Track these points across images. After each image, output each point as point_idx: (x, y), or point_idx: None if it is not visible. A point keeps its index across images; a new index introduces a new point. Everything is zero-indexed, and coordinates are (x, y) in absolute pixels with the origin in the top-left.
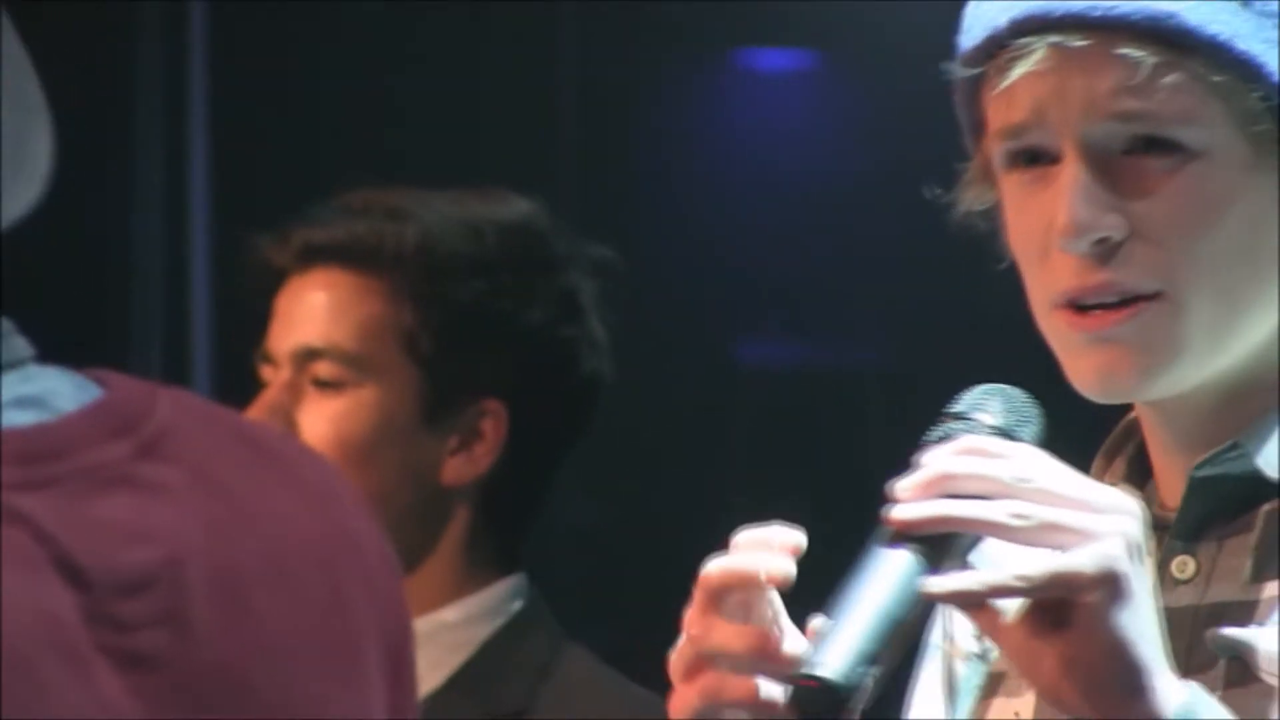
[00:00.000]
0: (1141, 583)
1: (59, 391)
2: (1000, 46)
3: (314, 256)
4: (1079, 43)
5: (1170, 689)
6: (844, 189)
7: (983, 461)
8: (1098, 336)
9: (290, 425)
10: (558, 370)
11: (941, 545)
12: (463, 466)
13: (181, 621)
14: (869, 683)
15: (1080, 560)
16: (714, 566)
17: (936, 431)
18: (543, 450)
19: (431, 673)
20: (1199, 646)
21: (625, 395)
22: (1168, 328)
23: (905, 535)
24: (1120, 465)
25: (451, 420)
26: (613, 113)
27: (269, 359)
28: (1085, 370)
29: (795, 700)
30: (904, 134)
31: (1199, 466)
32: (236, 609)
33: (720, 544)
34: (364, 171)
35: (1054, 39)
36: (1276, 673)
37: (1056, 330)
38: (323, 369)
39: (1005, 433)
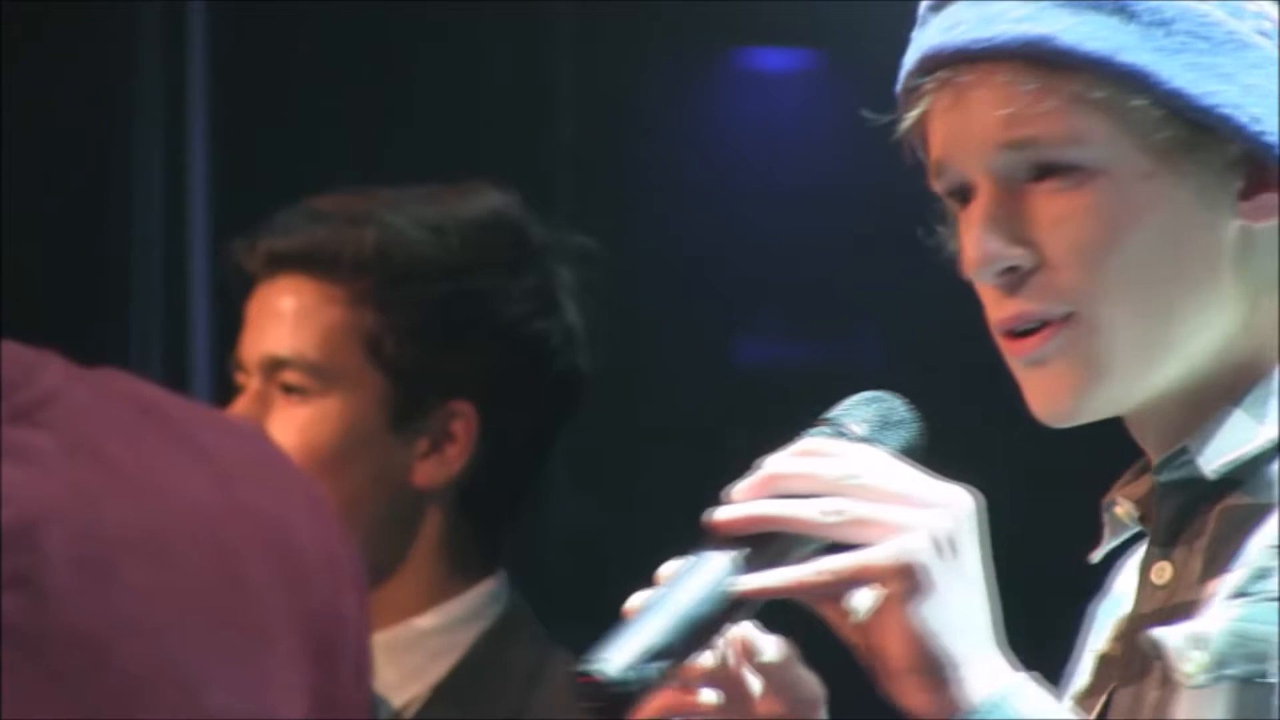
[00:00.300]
0: (950, 575)
1: None
2: (914, 82)
3: (279, 264)
4: (969, 77)
5: (980, 681)
6: (844, 189)
7: (811, 461)
8: (1028, 360)
9: None
10: (529, 367)
11: (767, 545)
12: (435, 469)
13: (36, 586)
14: (653, 679)
15: (877, 554)
16: (637, 600)
17: (804, 435)
18: (519, 448)
19: (414, 681)
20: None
21: (625, 395)
22: (1085, 348)
23: (733, 537)
24: (1129, 474)
25: (420, 424)
26: (611, 113)
27: (240, 366)
28: (1028, 396)
29: (578, 695)
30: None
31: (1155, 473)
32: (101, 577)
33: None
34: (363, 171)
35: (946, 75)
36: (1178, 667)
37: (1005, 356)
38: (289, 377)
39: (868, 438)
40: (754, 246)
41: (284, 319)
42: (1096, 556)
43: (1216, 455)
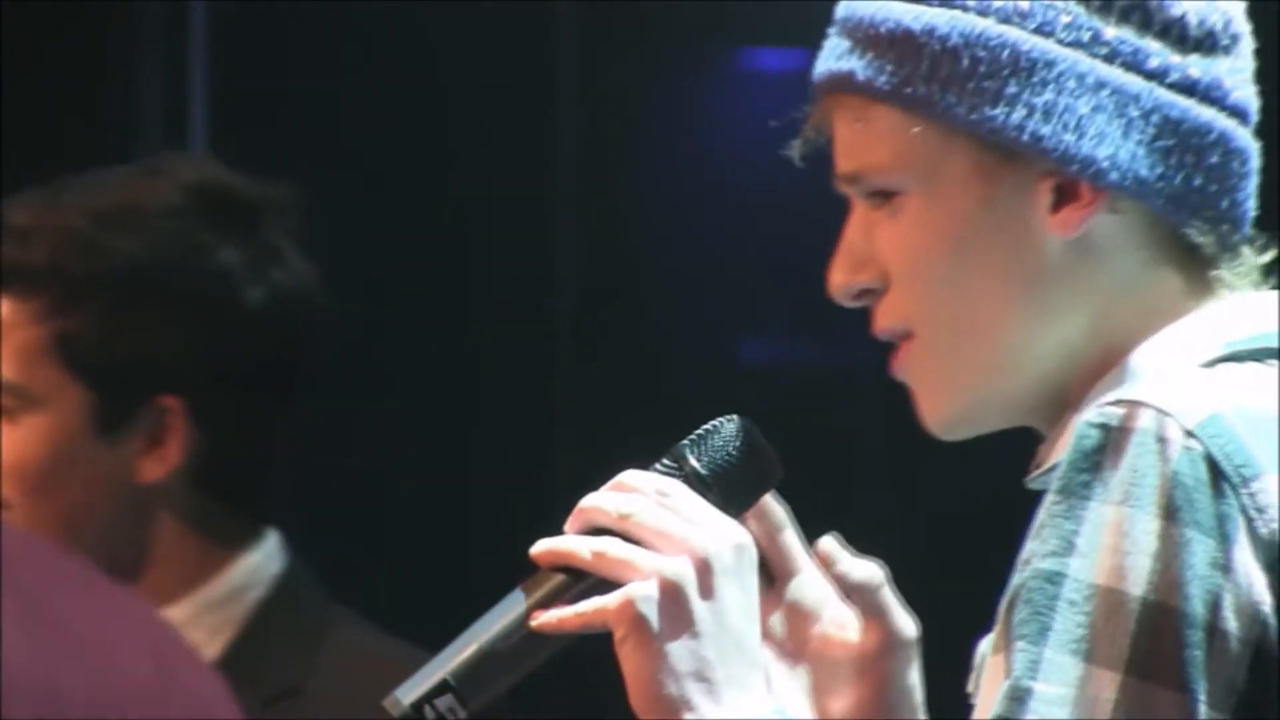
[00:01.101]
0: (675, 621)
1: None
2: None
3: None
4: (828, 105)
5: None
6: None
7: (604, 496)
8: (896, 376)
9: None
10: (235, 343)
11: (578, 580)
12: (155, 465)
13: None
14: (444, 714)
15: (609, 599)
16: (542, 545)
17: (657, 464)
18: (246, 422)
19: None
20: None
21: (626, 394)
22: (925, 365)
23: (555, 567)
24: None
25: (131, 424)
26: (613, 113)
27: None
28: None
29: None
30: None
31: (1028, 481)
32: None
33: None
34: (364, 171)
35: (822, 101)
36: (972, 681)
37: None
38: None
39: (698, 471)
40: (755, 246)
41: None
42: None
43: (1041, 466)
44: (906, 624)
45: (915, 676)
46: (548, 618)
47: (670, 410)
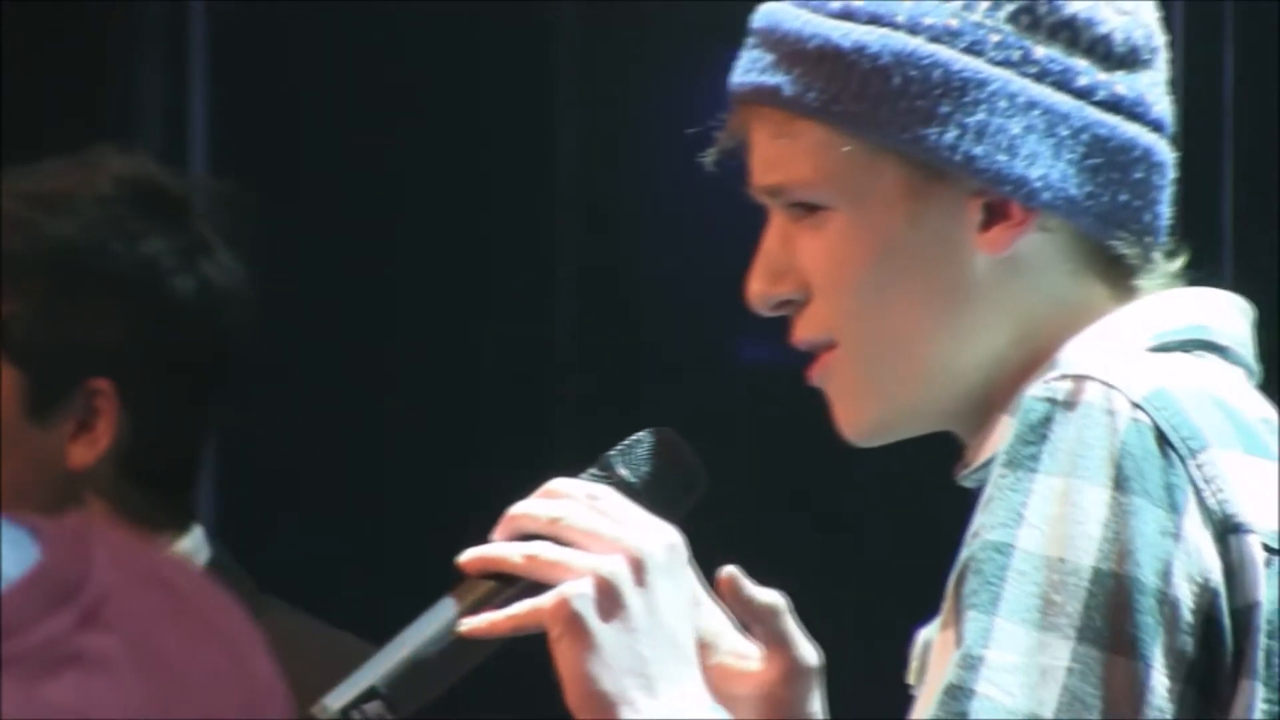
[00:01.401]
0: (614, 619)
1: None
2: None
3: None
4: (747, 117)
5: (638, 717)
6: None
7: (534, 503)
8: (814, 384)
9: None
10: (164, 331)
11: (508, 586)
12: (84, 450)
13: None
14: (372, 718)
15: (544, 599)
16: (472, 554)
17: (585, 473)
18: (174, 410)
19: None
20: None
21: (625, 393)
22: (847, 375)
23: (485, 576)
24: None
25: (62, 408)
26: (613, 113)
27: None
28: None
29: None
30: None
31: (958, 480)
32: None
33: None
34: (364, 170)
35: (739, 111)
36: (912, 669)
37: None
38: None
39: (628, 479)
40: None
41: None
42: None
43: (971, 463)
44: (809, 652)
45: (818, 705)
46: (476, 622)
47: (670, 410)
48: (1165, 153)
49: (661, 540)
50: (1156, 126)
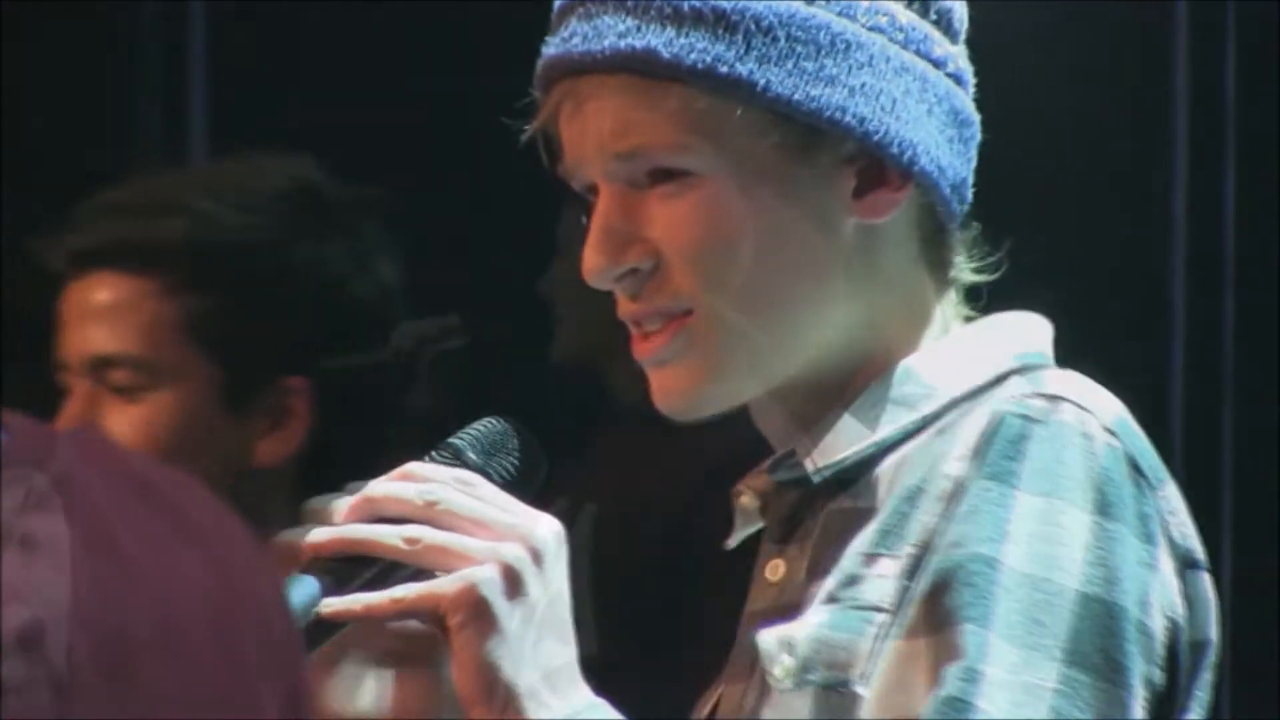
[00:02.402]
0: (517, 607)
1: None
2: (540, 91)
3: (87, 261)
4: (585, 89)
5: (542, 712)
6: None
7: (405, 486)
8: (653, 360)
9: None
10: (352, 333)
11: (353, 568)
12: (276, 447)
13: (63, 687)
14: None
15: (443, 584)
16: (323, 535)
17: (426, 457)
18: (359, 413)
19: None
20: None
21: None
22: (703, 344)
23: (323, 559)
24: (759, 467)
25: (256, 404)
26: None
27: (62, 367)
28: (653, 390)
29: None
30: None
31: (770, 470)
32: (123, 677)
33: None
34: (364, 170)
35: (566, 86)
36: (769, 669)
37: (635, 353)
38: (118, 377)
39: (480, 465)
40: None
41: (103, 317)
42: (730, 544)
43: (822, 457)
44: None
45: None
46: (347, 603)
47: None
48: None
49: (553, 529)
50: (975, 107)
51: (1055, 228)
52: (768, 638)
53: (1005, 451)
